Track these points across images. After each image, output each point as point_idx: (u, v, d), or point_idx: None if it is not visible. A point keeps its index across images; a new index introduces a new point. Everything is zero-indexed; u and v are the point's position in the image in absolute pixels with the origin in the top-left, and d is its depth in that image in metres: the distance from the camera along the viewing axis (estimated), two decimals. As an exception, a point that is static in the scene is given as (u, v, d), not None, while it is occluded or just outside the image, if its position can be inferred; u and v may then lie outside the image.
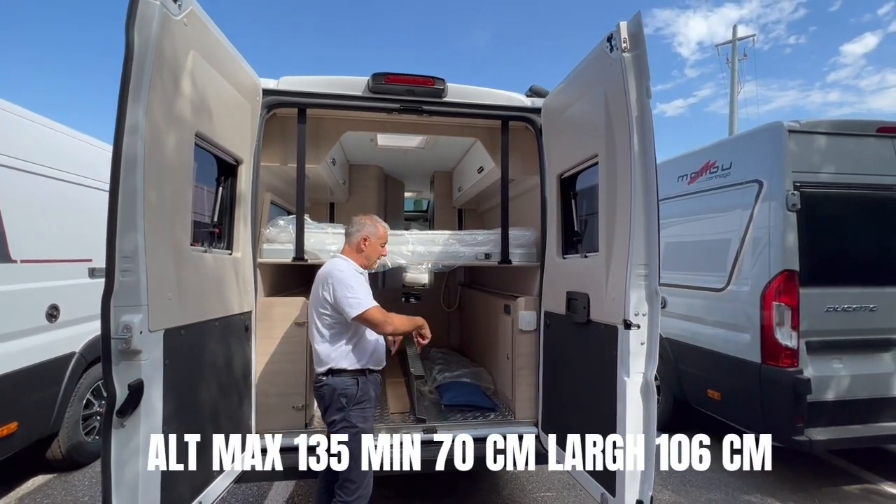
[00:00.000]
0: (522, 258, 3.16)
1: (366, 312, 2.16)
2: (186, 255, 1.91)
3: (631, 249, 1.96)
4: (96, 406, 3.79)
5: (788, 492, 3.45)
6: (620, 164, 2.07)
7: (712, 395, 3.81)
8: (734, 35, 18.65)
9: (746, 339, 3.45)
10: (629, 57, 1.99)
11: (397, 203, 5.83)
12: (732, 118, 18.05)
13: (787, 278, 3.23)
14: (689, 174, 4.32)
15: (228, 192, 2.48)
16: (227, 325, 2.29)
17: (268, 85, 2.74)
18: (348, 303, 2.15)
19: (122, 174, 1.57)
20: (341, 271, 2.23)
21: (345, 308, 2.16)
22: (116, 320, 1.56)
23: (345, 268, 2.27)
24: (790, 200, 3.24)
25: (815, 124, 3.43)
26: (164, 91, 1.71)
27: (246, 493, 3.31)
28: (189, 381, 1.93)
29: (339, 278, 2.19)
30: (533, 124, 3.01)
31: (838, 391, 3.32)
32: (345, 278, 2.20)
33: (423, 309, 5.50)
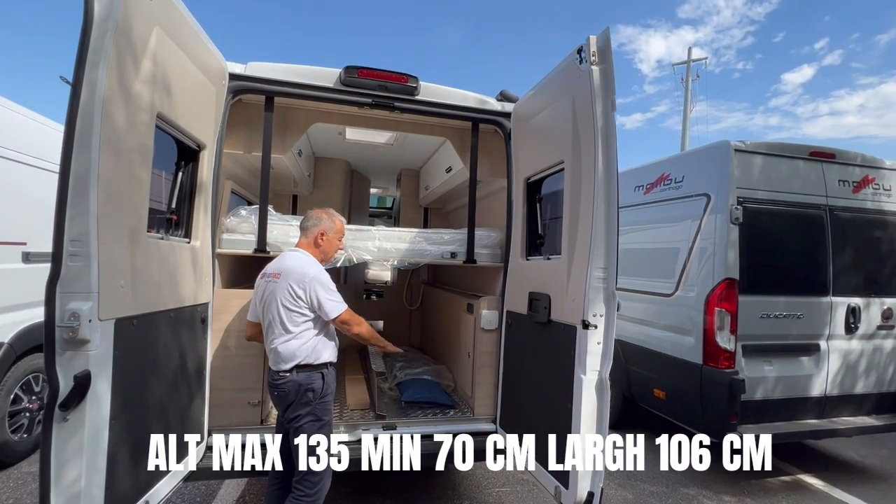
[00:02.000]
0: (487, 258, 3.23)
1: (342, 315, 2.22)
2: (142, 242, 1.82)
3: (591, 253, 2.06)
4: (25, 402, 3.50)
5: (722, 484, 3.72)
6: (585, 172, 2.16)
7: (658, 395, 4.04)
8: (689, 56, 19.79)
9: (691, 342, 3.69)
10: (597, 70, 2.08)
11: (362, 199, 5.77)
12: (685, 134, 19.16)
13: (728, 286, 3.49)
14: (646, 185, 4.56)
15: (189, 177, 2.37)
16: (183, 316, 2.19)
17: (234, 69, 2.64)
18: (329, 305, 2.19)
19: (74, 151, 1.47)
20: (319, 271, 2.23)
21: (326, 310, 2.19)
22: (62, 307, 1.46)
23: (316, 266, 2.26)
24: (734, 214, 3.50)
25: (758, 145, 3.72)
26: (125, 66, 1.62)
27: (193, 493, 3.17)
28: (140, 375, 1.83)
29: (318, 279, 2.20)
30: (502, 128, 3.08)
31: (767, 391, 3.62)
32: (324, 279, 2.22)
33: (386, 307, 5.48)
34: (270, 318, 2.20)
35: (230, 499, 3.13)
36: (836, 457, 4.40)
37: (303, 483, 2.11)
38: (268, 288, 2.22)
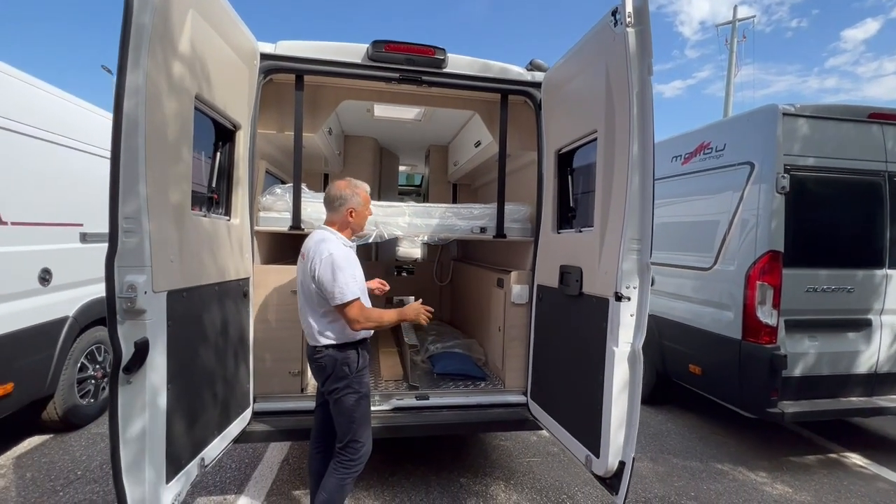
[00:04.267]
0: (517, 233, 3.21)
1: (345, 306, 2.08)
2: (187, 219, 1.92)
3: (625, 224, 2.01)
4: (90, 370, 3.82)
5: (759, 460, 3.66)
6: (619, 140, 2.10)
7: (693, 370, 3.97)
8: (734, 16, 18.44)
9: (729, 317, 3.58)
10: (633, 32, 1.99)
11: (391, 176, 5.81)
12: (728, 101, 18.05)
13: (772, 259, 3.34)
14: (684, 155, 4.37)
15: (227, 157, 2.46)
16: (227, 289, 2.31)
17: (265, 49, 2.69)
18: (331, 290, 2.07)
19: (123, 136, 1.56)
20: (335, 253, 2.11)
21: (328, 295, 2.09)
22: (121, 280, 1.58)
23: (333, 247, 2.14)
24: (780, 183, 3.32)
25: (809, 108, 3.47)
26: (164, 52, 1.68)
27: (242, 455, 3.41)
28: (191, 343, 1.96)
29: (332, 262, 2.08)
30: (533, 99, 3.01)
31: (811, 367, 3.48)
32: (340, 262, 2.08)
33: (417, 283, 5.57)
34: (302, 298, 2.25)
35: (275, 461, 3.34)
36: (885, 436, 4.23)
37: (347, 449, 2.20)
38: (300, 268, 2.26)
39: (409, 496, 2.94)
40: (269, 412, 2.72)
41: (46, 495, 2.87)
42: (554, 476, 3.27)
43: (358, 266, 2.22)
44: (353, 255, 2.25)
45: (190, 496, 2.88)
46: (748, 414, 3.57)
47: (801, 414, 3.38)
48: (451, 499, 2.92)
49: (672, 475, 3.37)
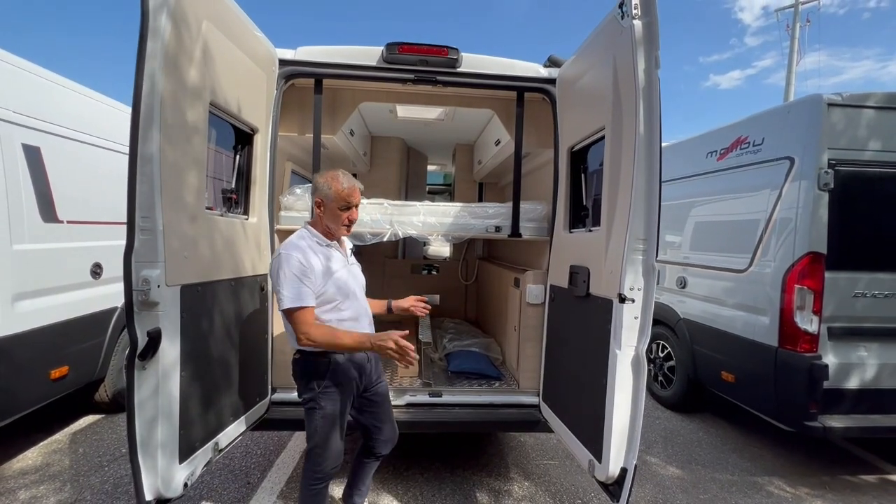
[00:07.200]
0: (533, 232, 3.17)
1: (289, 313, 1.87)
2: (201, 218, 2.05)
3: (630, 223, 1.95)
4: (137, 357, 4.15)
5: (799, 476, 3.40)
6: (626, 136, 2.03)
7: (726, 378, 3.75)
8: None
9: (765, 322, 3.35)
10: (640, 24, 1.91)
11: (420, 175, 5.88)
12: (789, 90, 16.73)
13: (813, 261, 3.09)
14: (719, 150, 4.13)
15: (245, 160, 2.60)
16: (243, 285, 2.44)
17: (285, 55, 2.81)
18: (277, 292, 1.90)
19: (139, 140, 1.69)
20: (288, 251, 1.91)
21: (278, 299, 1.90)
22: (137, 274, 1.72)
23: (292, 245, 1.95)
24: (822, 179, 3.06)
25: (861, 97, 3.18)
26: (178, 63, 1.81)
27: (267, 443, 3.59)
28: (205, 334, 2.09)
29: (281, 260, 1.90)
30: (549, 95, 2.95)
31: (861, 379, 3.19)
32: (291, 262, 1.87)
33: (442, 281, 5.62)
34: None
35: (297, 449, 3.50)
36: (954, 459, 3.80)
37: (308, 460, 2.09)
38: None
39: (422, 491, 2.98)
40: (288, 402, 2.84)
41: (94, 469, 3.15)
42: (570, 480, 3.20)
43: (330, 271, 1.97)
44: (322, 258, 1.99)
45: (217, 478, 3.07)
46: (784, 427, 3.33)
47: (849, 429, 3.11)
48: (463, 497, 2.93)
49: (698, 486, 3.20)
